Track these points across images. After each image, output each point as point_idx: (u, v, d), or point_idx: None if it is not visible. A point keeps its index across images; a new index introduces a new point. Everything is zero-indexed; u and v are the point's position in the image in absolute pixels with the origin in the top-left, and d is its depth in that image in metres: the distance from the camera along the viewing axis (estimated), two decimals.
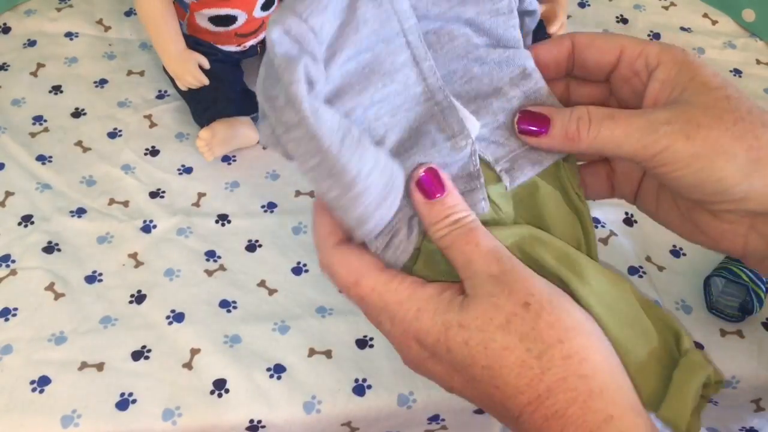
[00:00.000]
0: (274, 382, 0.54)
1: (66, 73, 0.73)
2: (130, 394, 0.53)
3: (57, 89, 0.71)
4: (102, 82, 0.72)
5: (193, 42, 0.68)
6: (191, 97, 0.68)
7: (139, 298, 0.58)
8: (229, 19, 0.67)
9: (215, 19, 0.67)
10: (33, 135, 0.68)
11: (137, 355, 0.55)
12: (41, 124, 0.69)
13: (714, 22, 0.83)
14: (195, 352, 0.55)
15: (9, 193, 0.63)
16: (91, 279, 0.59)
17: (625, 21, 0.82)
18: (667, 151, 0.37)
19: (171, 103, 0.71)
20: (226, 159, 0.68)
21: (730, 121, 0.37)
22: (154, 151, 0.68)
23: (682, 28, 0.82)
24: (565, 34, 0.43)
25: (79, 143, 0.68)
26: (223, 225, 0.63)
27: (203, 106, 0.67)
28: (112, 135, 0.68)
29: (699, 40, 0.81)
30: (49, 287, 0.58)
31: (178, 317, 0.57)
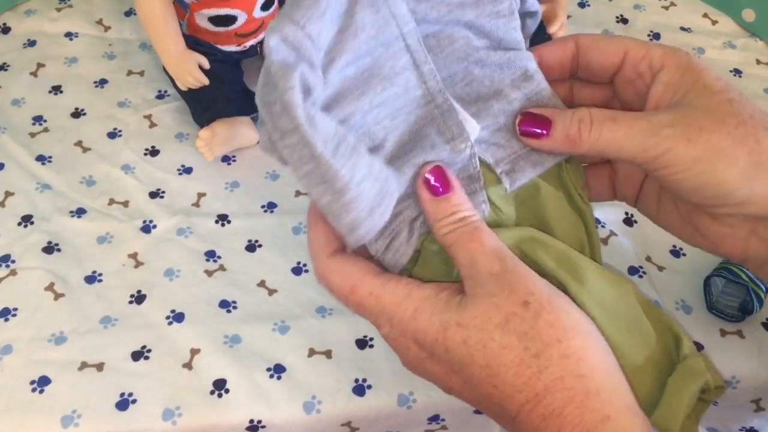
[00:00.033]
0: (274, 382, 0.54)
1: (66, 73, 0.73)
2: (130, 394, 0.53)
3: (57, 89, 0.71)
4: (102, 82, 0.72)
5: (193, 42, 0.68)
6: (191, 97, 0.68)
7: (139, 298, 0.58)
8: (229, 19, 0.67)
9: (215, 19, 0.67)
10: (33, 135, 0.68)
11: (137, 355, 0.55)
12: (41, 124, 0.69)
13: (714, 22, 0.83)
14: (195, 352, 0.55)
15: (9, 193, 0.63)
16: (91, 279, 0.59)
17: (625, 21, 0.82)
18: (668, 154, 0.37)
19: (171, 103, 0.71)
20: (226, 159, 0.68)
21: (731, 124, 0.37)
22: (154, 151, 0.68)
23: (682, 28, 0.82)
24: (569, 35, 0.43)
25: (79, 143, 0.68)
26: (223, 225, 0.63)
27: (203, 106, 0.67)
28: (112, 135, 0.68)
29: (699, 40, 0.81)
30: (49, 287, 0.58)
31: (178, 317, 0.57)
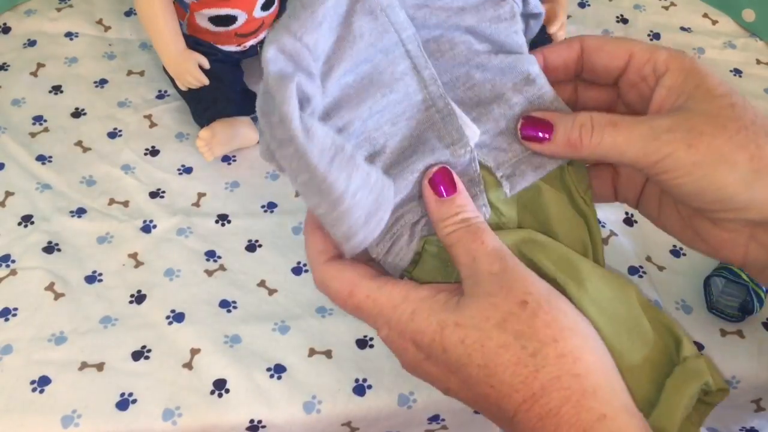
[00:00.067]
0: (274, 382, 0.54)
1: (66, 73, 0.73)
2: (130, 394, 0.53)
3: (57, 89, 0.71)
4: (102, 82, 0.72)
5: (193, 42, 0.68)
6: (191, 97, 0.68)
7: (139, 298, 0.58)
8: (229, 19, 0.67)
9: (215, 19, 0.67)
10: (33, 135, 0.68)
11: (137, 355, 0.55)
12: (41, 124, 0.69)
13: (714, 22, 0.83)
14: (195, 352, 0.55)
15: (9, 193, 0.63)
16: (91, 279, 0.59)
17: (625, 21, 0.82)
18: (669, 158, 0.37)
19: (171, 103, 0.71)
20: (226, 159, 0.68)
21: (733, 129, 0.37)
22: (154, 151, 0.68)
23: (682, 28, 0.82)
24: (575, 36, 0.43)
25: (79, 143, 0.68)
26: (223, 225, 0.63)
27: (203, 106, 0.67)
28: (112, 135, 0.68)
29: (699, 40, 0.80)
30: (49, 287, 0.58)
31: (178, 317, 0.57)
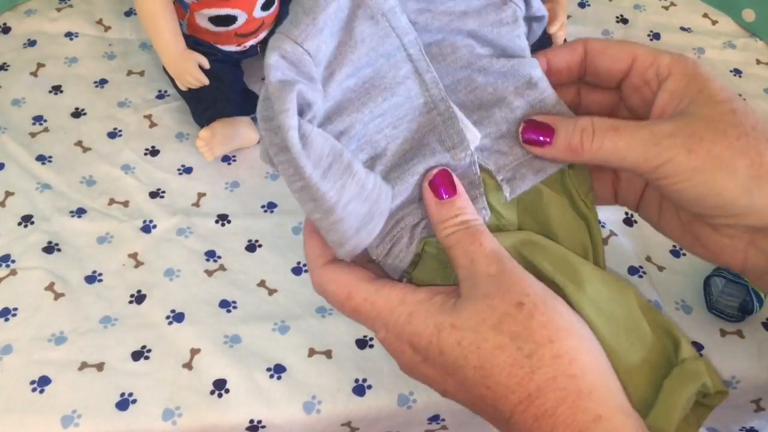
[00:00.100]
0: (274, 382, 0.54)
1: (66, 73, 0.73)
2: (130, 394, 0.53)
3: (57, 89, 0.71)
4: (102, 82, 0.72)
5: (193, 42, 0.68)
6: (191, 97, 0.68)
7: (139, 298, 0.58)
8: (229, 19, 0.67)
9: (215, 19, 0.67)
10: (33, 135, 0.68)
11: (137, 355, 0.55)
12: (41, 124, 0.69)
13: (714, 22, 0.83)
14: (195, 352, 0.55)
15: (9, 193, 0.63)
16: (91, 279, 0.59)
17: (625, 21, 0.82)
18: (669, 164, 0.37)
19: (171, 103, 0.71)
20: (226, 159, 0.68)
21: (733, 135, 0.37)
22: (154, 151, 0.68)
23: (682, 28, 0.82)
24: (578, 39, 0.43)
25: (79, 143, 0.68)
26: (223, 225, 0.63)
27: (203, 106, 0.67)
28: (112, 135, 0.68)
29: (699, 40, 0.80)
30: (49, 287, 0.58)
31: (178, 317, 0.57)
